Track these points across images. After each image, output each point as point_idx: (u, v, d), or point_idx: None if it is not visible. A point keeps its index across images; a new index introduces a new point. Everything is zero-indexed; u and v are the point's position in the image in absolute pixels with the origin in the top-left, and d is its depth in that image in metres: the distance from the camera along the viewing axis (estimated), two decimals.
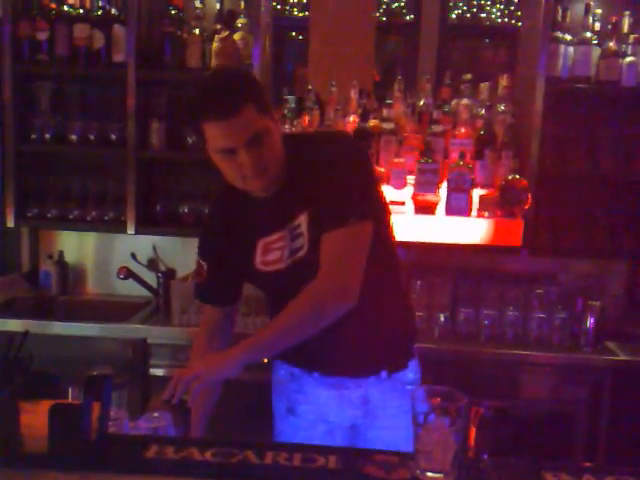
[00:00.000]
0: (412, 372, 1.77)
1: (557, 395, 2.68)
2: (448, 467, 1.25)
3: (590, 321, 2.75)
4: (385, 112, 2.93)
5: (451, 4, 3.63)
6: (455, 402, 1.27)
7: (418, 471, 1.26)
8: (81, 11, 3.02)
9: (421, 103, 2.98)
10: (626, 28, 2.85)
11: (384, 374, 1.69)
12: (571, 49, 2.83)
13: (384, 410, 1.69)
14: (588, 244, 2.94)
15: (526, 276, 2.97)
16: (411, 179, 2.78)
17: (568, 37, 2.84)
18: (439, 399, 1.28)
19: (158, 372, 2.73)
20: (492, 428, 2.23)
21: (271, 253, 1.60)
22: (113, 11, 3.02)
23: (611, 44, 2.81)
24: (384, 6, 3.77)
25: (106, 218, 3.09)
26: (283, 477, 1.28)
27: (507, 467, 1.37)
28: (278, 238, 1.59)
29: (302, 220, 1.56)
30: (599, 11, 2.86)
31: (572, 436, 2.67)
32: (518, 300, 2.81)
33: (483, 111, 2.91)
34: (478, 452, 1.93)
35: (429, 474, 1.25)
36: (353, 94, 3.05)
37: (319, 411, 1.71)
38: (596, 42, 2.83)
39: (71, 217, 3.11)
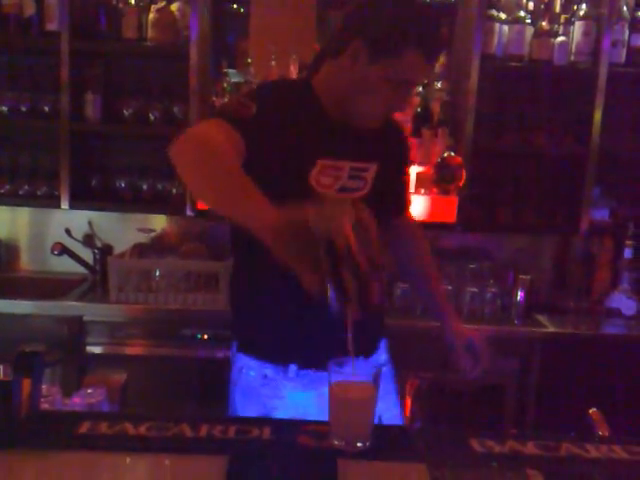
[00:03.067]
0: (384, 352, 1.72)
1: (490, 367, 2.76)
2: (364, 436, 1.28)
3: (520, 295, 2.84)
4: None
5: None
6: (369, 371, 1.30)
7: (336, 441, 1.29)
8: None
9: None
10: (558, 8, 2.92)
11: (361, 359, 1.51)
12: (506, 28, 2.89)
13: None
14: (519, 220, 3.04)
15: (460, 252, 3.04)
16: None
17: (503, 16, 2.89)
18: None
19: (95, 350, 2.70)
20: (426, 399, 2.30)
21: (325, 177, 1.47)
22: None
23: (543, 24, 2.87)
24: None
25: (39, 193, 3.03)
26: (218, 449, 1.29)
27: (436, 434, 1.42)
28: (338, 167, 1.48)
29: (371, 168, 1.52)
30: None
31: (503, 406, 2.76)
32: (452, 275, 2.88)
33: (420, 88, 2.95)
34: (412, 421, 2.00)
35: (344, 442, 1.28)
36: (293, 69, 3.04)
37: (300, 415, 1.53)
38: (529, 21, 2.89)
39: (2, 192, 3.03)
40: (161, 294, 2.74)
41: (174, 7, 2.92)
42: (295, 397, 1.58)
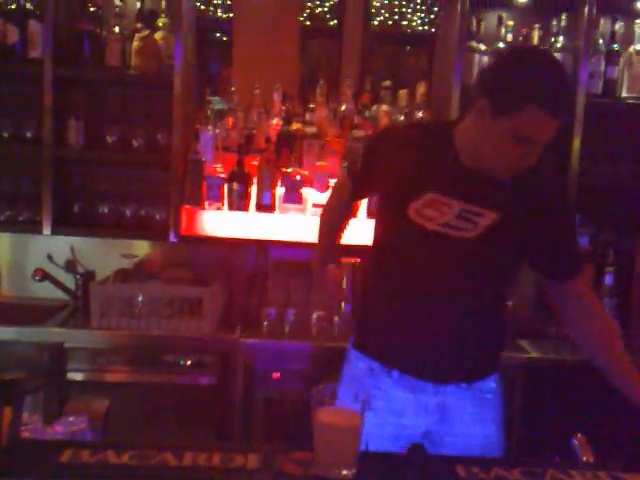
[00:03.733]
0: (493, 381, 1.74)
1: None
2: (350, 462, 1.28)
3: None
4: (308, 116, 2.97)
5: (374, 10, 3.70)
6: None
7: (321, 469, 1.28)
8: None
9: (343, 108, 3.04)
10: (536, 40, 2.99)
11: (464, 384, 1.67)
12: (485, 59, 2.95)
13: (460, 417, 1.67)
14: None
15: None
16: (333, 182, 2.82)
17: (482, 47, 2.95)
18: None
19: (77, 376, 2.67)
20: None
21: (431, 210, 1.57)
22: (28, 5, 2.93)
23: None
24: (308, 10, 3.81)
25: (20, 218, 3.00)
26: (202, 478, 1.28)
27: (422, 461, 1.42)
28: (448, 204, 1.57)
29: (488, 215, 1.56)
30: (511, 23, 2.99)
31: None
32: None
33: (402, 117, 2.98)
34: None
35: (329, 470, 1.27)
36: (276, 97, 3.07)
37: (395, 411, 1.66)
38: None
39: None
40: (144, 320, 2.72)
41: (158, 36, 2.95)
42: (395, 394, 1.67)
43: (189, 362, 2.69)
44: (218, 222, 2.88)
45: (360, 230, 2.38)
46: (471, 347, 1.65)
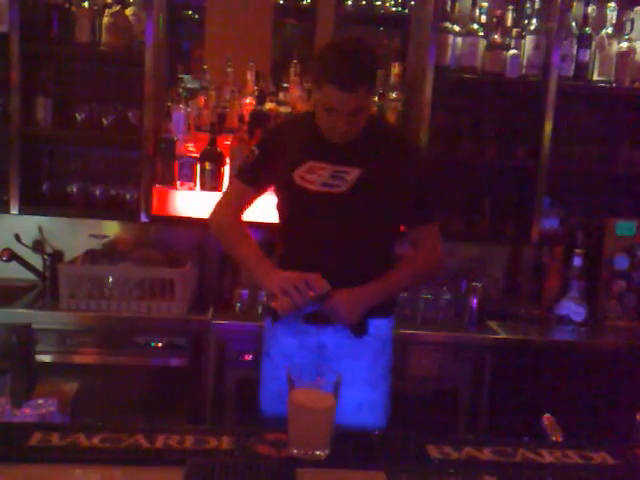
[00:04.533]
0: (373, 326, 1.93)
1: (443, 372, 2.80)
2: (323, 443, 1.29)
3: (473, 301, 2.89)
4: (281, 95, 2.94)
5: None
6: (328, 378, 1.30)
7: (295, 450, 1.29)
8: None
9: None
10: (509, 22, 2.99)
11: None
12: (459, 40, 2.94)
13: (338, 356, 1.88)
14: (472, 229, 3.10)
15: None
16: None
17: (456, 28, 2.95)
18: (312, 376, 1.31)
19: (45, 358, 2.63)
20: None
21: (311, 174, 1.86)
22: None
23: (496, 37, 2.94)
24: None
25: None
26: (175, 460, 1.27)
27: (393, 441, 1.43)
28: (323, 167, 1.86)
29: (353, 173, 1.85)
30: (485, 4, 2.98)
31: (457, 411, 2.81)
32: None
33: (376, 98, 2.97)
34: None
35: (303, 451, 1.28)
36: (249, 76, 3.04)
37: (285, 354, 1.92)
38: (482, 34, 2.95)
39: None
40: (114, 301, 2.69)
41: (129, 12, 2.89)
42: (284, 339, 1.94)
43: (160, 344, 2.67)
44: (190, 202, 2.85)
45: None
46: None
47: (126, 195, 2.98)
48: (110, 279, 2.71)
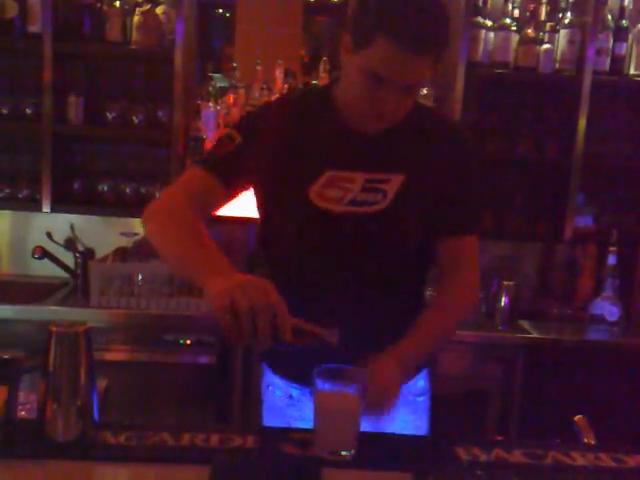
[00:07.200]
0: (422, 379, 1.60)
1: (473, 372, 2.76)
2: (349, 443, 1.27)
3: (504, 301, 2.84)
4: None
5: None
6: (353, 379, 1.27)
7: (320, 450, 1.27)
8: None
9: None
10: (543, 16, 2.94)
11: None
12: (491, 35, 2.90)
13: (392, 424, 1.43)
14: (503, 226, 3.05)
15: None
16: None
17: (489, 23, 2.90)
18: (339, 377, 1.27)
19: None
20: None
21: (333, 189, 1.36)
22: None
23: (529, 31, 2.88)
24: None
25: (20, 196, 2.99)
26: (201, 458, 1.27)
27: (421, 442, 1.41)
28: (351, 178, 1.36)
29: (395, 180, 1.36)
30: None
31: (487, 412, 2.77)
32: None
33: None
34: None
35: (330, 452, 1.26)
36: (279, 73, 3.03)
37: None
38: (515, 29, 2.90)
39: None
40: (143, 299, 2.71)
41: (159, 10, 2.90)
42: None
43: (189, 341, 2.68)
44: None
45: None
46: (388, 343, 1.37)
47: (156, 193, 3.00)
48: (140, 276, 2.73)
